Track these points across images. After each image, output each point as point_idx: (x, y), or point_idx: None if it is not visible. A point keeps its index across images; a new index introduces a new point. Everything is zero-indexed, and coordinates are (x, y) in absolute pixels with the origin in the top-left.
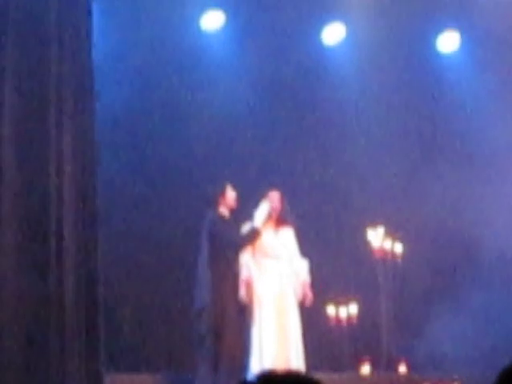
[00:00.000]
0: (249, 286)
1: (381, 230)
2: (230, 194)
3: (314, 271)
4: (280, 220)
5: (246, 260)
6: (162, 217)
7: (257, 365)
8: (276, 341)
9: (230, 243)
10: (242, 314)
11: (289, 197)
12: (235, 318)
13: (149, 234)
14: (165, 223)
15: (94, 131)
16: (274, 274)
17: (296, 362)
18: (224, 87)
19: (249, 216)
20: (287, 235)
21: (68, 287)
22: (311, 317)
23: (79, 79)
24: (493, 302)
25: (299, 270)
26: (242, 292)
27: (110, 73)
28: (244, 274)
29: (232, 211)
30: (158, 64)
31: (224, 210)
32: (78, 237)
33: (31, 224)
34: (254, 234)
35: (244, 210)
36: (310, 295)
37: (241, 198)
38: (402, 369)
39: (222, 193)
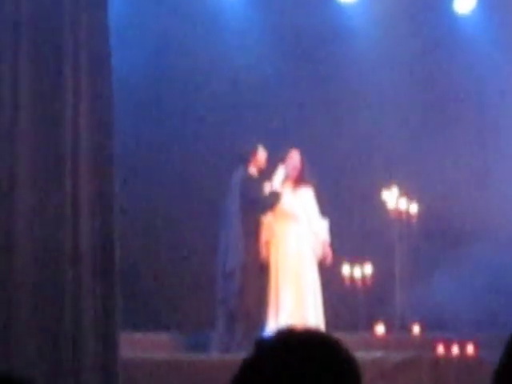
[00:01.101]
0: (267, 246)
1: (395, 191)
2: (262, 154)
3: (329, 231)
4: (299, 180)
5: (267, 221)
6: (179, 174)
7: (273, 324)
8: (293, 300)
9: (259, 204)
10: (262, 274)
11: (306, 157)
12: (256, 279)
13: (168, 191)
14: (183, 181)
15: (110, 84)
16: (292, 234)
17: (314, 320)
18: (242, 48)
19: (267, 177)
20: (306, 195)
21: (83, 241)
22: (326, 277)
23: (95, 40)
24: (507, 262)
25: (319, 229)
26: (264, 253)
27: (125, 34)
28: (265, 235)
29: (261, 171)
30: (174, 24)
31: (253, 170)
32: (93, 190)
33: (46, 175)
34: (277, 198)
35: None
36: (330, 254)
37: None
38: (416, 329)
39: (254, 152)
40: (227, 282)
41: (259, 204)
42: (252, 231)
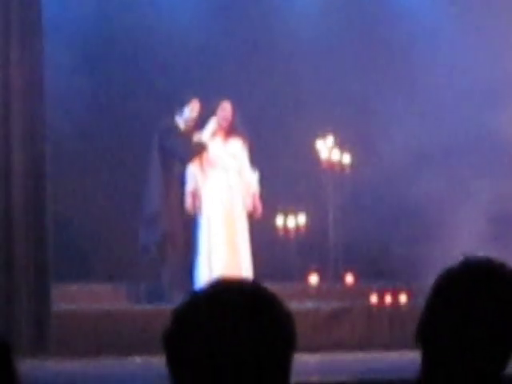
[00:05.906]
0: (196, 197)
1: (330, 141)
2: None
3: (263, 182)
4: (231, 131)
5: (193, 171)
6: (115, 126)
7: (206, 274)
8: (226, 250)
9: (176, 155)
10: (189, 225)
11: (239, 108)
12: (181, 229)
13: (101, 142)
14: (118, 131)
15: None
16: (222, 184)
17: (245, 271)
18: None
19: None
20: (237, 146)
21: (16, 195)
22: (260, 227)
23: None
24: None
25: (249, 181)
26: (188, 203)
27: None
28: (190, 185)
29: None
30: None
31: (181, 120)
32: (26, 145)
33: None
34: (200, 149)
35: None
36: (259, 207)
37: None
38: (349, 279)
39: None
40: (148, 230)
41: (177, 155)
42: (171, 180)
